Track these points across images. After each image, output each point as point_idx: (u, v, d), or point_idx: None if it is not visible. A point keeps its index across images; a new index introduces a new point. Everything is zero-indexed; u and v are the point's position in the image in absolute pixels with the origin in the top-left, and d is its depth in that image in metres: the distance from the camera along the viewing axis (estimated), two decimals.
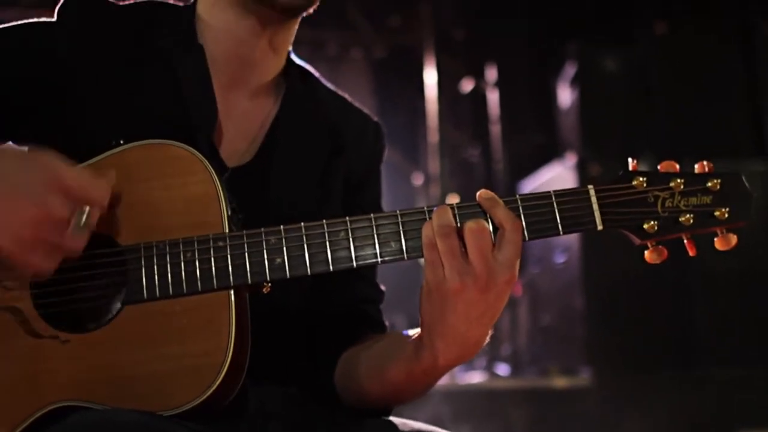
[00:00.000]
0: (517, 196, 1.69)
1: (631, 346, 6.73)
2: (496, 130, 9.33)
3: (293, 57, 2.16)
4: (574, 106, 7.85)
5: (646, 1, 8.19)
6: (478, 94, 9.54)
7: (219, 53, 2.02)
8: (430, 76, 9.57)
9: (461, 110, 9.86)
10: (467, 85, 9.68)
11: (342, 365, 2.01)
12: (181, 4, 2.12)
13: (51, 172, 1.60)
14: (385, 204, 2.26)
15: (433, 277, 1.65)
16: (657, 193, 1.67)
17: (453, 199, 9.13)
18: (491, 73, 9.42)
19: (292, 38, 2.10)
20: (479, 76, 9.53)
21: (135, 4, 2.07)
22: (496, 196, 1.69)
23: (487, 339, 1.74)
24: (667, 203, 1.67)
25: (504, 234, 1.64)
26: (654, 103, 7.58)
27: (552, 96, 8.34)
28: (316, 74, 2.22)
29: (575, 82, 7.82)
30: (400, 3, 10.16)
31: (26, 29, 1.98)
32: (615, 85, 7.76)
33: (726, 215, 1.66)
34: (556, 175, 7.63)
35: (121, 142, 1.77)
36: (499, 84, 9.35)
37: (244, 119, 2.05)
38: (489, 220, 1.67)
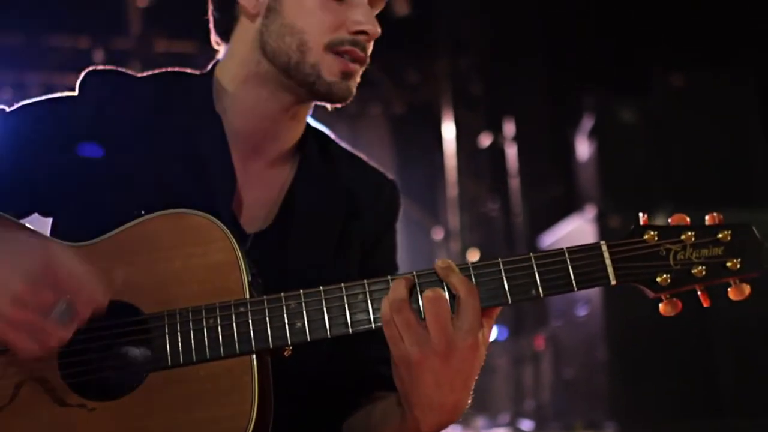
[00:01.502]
0: (531, 254, 1.72)
1: (655, 398, 6.67)
2: (515, 183, 9.35)
3: (309, 119, 2.20)
4: (592, 158, 7.87)
5: (661, 53, 8.25)
6: (497, 149, 9.59)
7: (242, 125, 2.07)
8: (449, 131, 9.63)
9: (480, 164, 9.91)
10: (485, 140, 9.74)
11: (347, 427, 2.04)
12: (198, 72, 2.17)
13: (49, 260, 1.62)
14: (406, 260, 2.29)
15: (396, 351, 1.68)
16: (669, 246, 1.69)
17: (473, 254, 9.14)
18: (509, 128, 9.48)
19: (312, 107, 2.16)
20: (497, 131, 9.59)
21: (153, 75, 2.13)
22: (452, 264, 1.71)
23: (468, 402, 1.75)
24: (679, 256, 1.69)
25: (461, 300, 1.67)
26: (672, 153, 7.59)
27: (570, 149, 8.37)
28: (332, 135, 2.26)
29: (593, 134, 7.85)
30: (417, 59, 10.27)
31: (49, 105, 2.04)
32: (632, 137, 7.79)
33: (738, 266, 1.67)
34: (576, 228, 7.63)
35: (142, 212, 1.82)
36: (517, 138, 9.40)
37: (263, 186, 2.09)
38: (446, 288, 1.70)
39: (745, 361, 6.65)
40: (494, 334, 7.90)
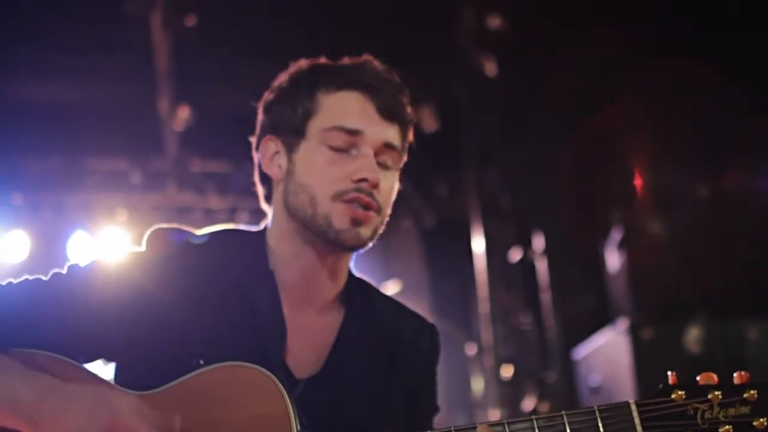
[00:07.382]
0: (563, 412, 1.81)
1: None
2: (546, 297, 9.37)
3: (352, 270, 2.38)
4: (622, 270, 7.91)
5: (687, 166, 8.33)
6: (527, 262, 9.62)
7: (289, 278, 2.26)
8: (479, 245, 9.67)
9: (511, 278, 9.91)
10: (516, 254, 9.77)
11: None
12: (254, 228, 2.35)
13: (112, 412, 1.84)
14: (439, 377, 2.41)
15: None
16: (696, 405, 1.77)
17: (507, 370, 9.09)
18: (539, 242, 9.53)
19: (351, 262, 2.32)
20: (527, 245, 9.63)
21: (212, 233, 2.31)
22: (487, 428, 1.87)
23: None
24: (707, 415, 1.76)
25: None
26: (703, 262, 7.61)
27: (600, 261, 8.41)
28: (373, 284, 2.43)
29: (622, 246, 7.90)
30: (446, 172, 10.39)
31: (116, 261, 2.22)
32: (662, 247, 7.82)
33: (765, 425, 1.74)
34: (609, 340, 7.63)
35: (201, 362, 1.98)
36: (547, 252, 9.44)
37: (312, 334, 2.26)
38: None
39: None
40: None
